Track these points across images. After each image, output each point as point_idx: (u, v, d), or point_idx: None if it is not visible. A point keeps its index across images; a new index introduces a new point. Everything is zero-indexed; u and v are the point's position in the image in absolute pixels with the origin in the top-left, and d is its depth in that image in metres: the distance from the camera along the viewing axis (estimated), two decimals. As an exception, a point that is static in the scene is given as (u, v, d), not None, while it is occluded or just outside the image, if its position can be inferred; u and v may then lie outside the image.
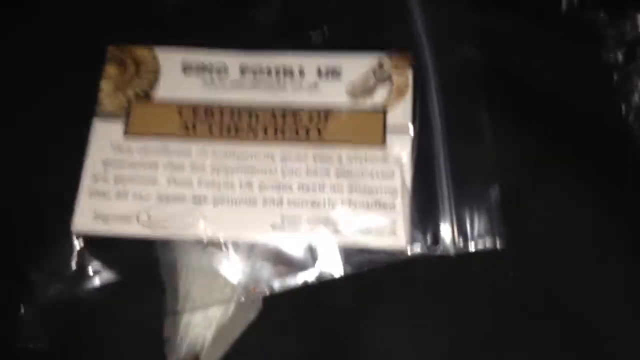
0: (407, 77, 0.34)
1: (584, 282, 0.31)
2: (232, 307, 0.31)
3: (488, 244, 0.32)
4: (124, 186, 0.33)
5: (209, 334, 0.31)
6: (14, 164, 0.34)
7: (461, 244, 0.32)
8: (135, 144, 0.33)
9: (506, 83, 0.35)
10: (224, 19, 0.36)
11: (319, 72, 0.35)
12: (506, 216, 0.32)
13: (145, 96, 0.34)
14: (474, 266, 0.31)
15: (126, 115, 0.34)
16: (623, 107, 0.35)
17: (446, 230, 0.32)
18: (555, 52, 0.36)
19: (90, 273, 0.32)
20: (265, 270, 0.31)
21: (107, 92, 0.34)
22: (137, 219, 0.32)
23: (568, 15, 0.37)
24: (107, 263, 0.32)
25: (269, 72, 0.35)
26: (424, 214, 0.32)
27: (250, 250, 0.32)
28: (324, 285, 0.31)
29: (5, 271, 0.32)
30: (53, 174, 0.33)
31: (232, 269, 0.32)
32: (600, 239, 0.32)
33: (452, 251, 0.32)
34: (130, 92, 0.34)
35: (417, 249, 0.31)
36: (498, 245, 0.31)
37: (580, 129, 0.34)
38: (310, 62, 0.35)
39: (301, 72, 0.35)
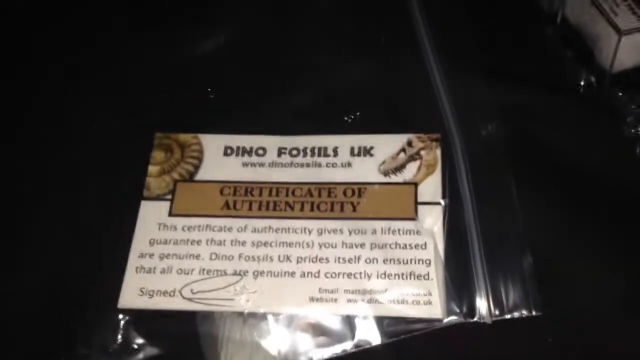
0: (436, 153, 0.36)
1: (621, 346, 0.31)
2: (272, 378, 0.32)
3: (524, 312, 0.32)
4: (169, 262, 0.34)
5: (250, 406, 0.31)
6: (66, 243, 0.36)
7: (497, 313, 0.32)
8: (180, 222, 0.35)
9: (531, 156, 0.36)
10: (262, 106, 0.39)
11: (352, 151, 0.37)
12: (540, 284, 0.32)
13: (190, 177, 0.37)
14: (512, 333, 0.32)
15: (171, 195, 0.36)
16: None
17: (481, 300, 0.32)
18: (577, 126, 0.37)
19: (135, 347, 0.33)
20: (305, 341, 0.32)
21: (154, 176, 0.37)
22: (181, 293, 0.33)
23: (587, 94, 0.39)
24: (151, 337, 0.33)
25: (305, 152, 0.37)
26: (458, 284, 0.33)
27: (290, 322, 0.33)
28: (363, 355, 0.32)
29: (54, 346, 0.33)
30: (102, 253, 0.35)
31: (273, 340, 0.32)
32: (634, 303, 0.32)
33: (488, 320, 0.32)
34: (176, 175, 0.37)
35: (454, 318, 0.32)
36: (533, 313, 0.32)
37: (604, 197, 0.35)
38: (344, 142, 0.37)
39: (335, 152, 0.37)
